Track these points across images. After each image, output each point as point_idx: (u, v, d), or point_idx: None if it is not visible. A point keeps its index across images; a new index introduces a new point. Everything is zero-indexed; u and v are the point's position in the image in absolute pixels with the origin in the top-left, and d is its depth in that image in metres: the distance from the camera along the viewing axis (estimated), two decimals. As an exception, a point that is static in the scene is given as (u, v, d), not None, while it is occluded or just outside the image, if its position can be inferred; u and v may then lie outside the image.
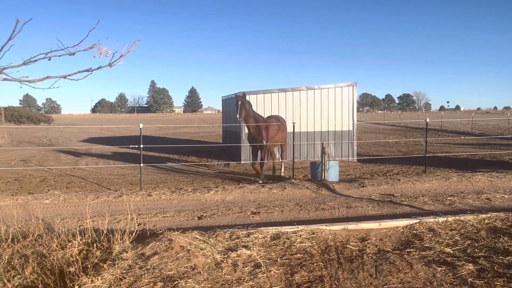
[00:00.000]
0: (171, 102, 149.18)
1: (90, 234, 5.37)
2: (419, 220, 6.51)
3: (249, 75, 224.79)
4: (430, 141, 24.16)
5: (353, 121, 17.26)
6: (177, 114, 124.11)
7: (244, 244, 5.40)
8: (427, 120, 13.84)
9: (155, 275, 4.37)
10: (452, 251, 5.23)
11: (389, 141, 26.65)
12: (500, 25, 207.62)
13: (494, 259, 4.92)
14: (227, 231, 5.88)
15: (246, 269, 4.66)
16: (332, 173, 11.22)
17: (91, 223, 5.91)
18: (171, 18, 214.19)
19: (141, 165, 11.41)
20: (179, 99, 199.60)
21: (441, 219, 6.52)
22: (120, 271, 4.40)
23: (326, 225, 6.30)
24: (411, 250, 5.31)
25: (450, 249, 5.31)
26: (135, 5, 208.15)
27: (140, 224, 6.92)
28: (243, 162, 16.36)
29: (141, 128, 11.49)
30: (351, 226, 6.35)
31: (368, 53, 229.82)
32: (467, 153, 18.89)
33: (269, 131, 12.39)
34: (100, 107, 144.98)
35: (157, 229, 6.16)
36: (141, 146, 11.35)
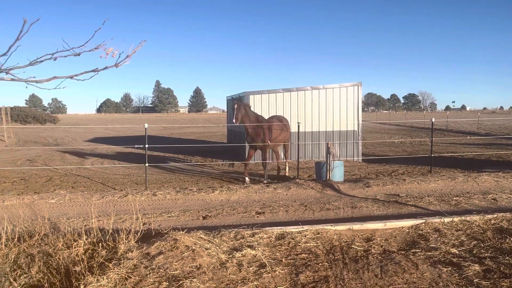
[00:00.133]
0: (176, 102, 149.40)
1: (95, 233, 5.39)
2: (424, 220, 6.48)
3: (254, 75, 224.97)
4: (435, 141, 24.05)
5: (358, 121, 17.21)
6: (182, 114, 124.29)
7: (249, 244, 5.40)
8: (433, 120, 13.78)
9: (160, 275, 4.38)
10: (458, 252, 5.20)
11: (394, 141, 26.55)
12: (505, 24, 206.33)
13: (500, 259, 4.89)
14: (232, 231, 5.89)
15: (251, 269, 4.66)
16: (337, 173, 11.20)
17: (96, 222, 5.93)
18: (175, 18, 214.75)
19: (146, 165, 11.44)
20: (184, 99, 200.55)
21: (447, 220, 6.49)
22: (125, 271, 4.42)
23: (331, 225, 6.28)
24: (417, 250, 5.29)
25: (456, 249, 5.28)
26: (139, 5, 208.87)
27: (145, 223, 6.94)
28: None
29: (146, 128, 11.52)
30: (356, 226, 6.33)
31: (373, 52, 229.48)
32: (473, 153, 18.79)
33: (270, 131, 12.41)
34: (105, 107, 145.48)
35: (162, 229, 6.17)
36: (146, 146, 11.38)
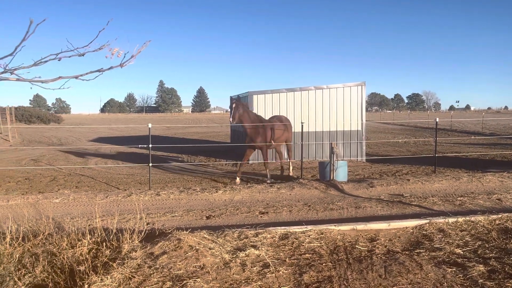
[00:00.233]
0: (179, 102, 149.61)
1: (99, 233, 5.40)
2: (428, 220, 6.46)
3: (257, 74, 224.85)
4: (439, 141, 23.97)
5: (362, 120, 17.18)
6: (185, 114, 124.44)
7: (252, 244, 5.40)
8: (437, 119, 13.74)
9: (164, 275, 4.39)
10: (462, 252, 5.18)
11: (398, 141, 26.48)
12: (509, 23, 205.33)
13: (505, 260, 4.86)
14: (236, 230, 5.88)
15: (254, 269, 4.66)
16: (340, 173, 11.18)
17: (100, 222, 5.95)
18: (179, 18, 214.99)
19: (150, 164, 11.46)
20: (187, 99, 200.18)
21: (451, 220, 6.47)
22: (129, 270, 4.43)
23: (335, 225, 6.27)
24: (421, 250, 5.27)
25: (460, 250, 5.26)
26: (143, 5, 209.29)
27: (149, 223, 6.95)
28: (251, 162, 16.36)
29: (150, 127, 11.54)
30: (360, 226, 6.32)
31: (377, 52, 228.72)
32: (477, 153, 18.71)
33: (269, 131, 12.42)
34: (109, 107, 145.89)
35: (166, 229, 6.18)
36: (150, 145, 11.40)
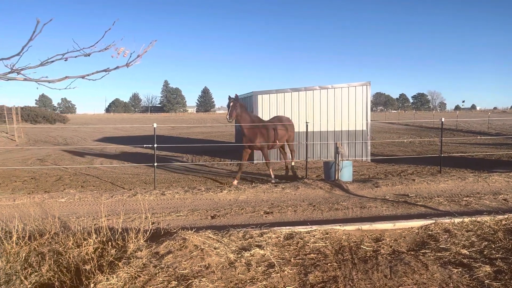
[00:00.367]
0: (184, 102, 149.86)
1: (105, 232, 5.42)
2: (434, 220, 6.43)
3: (261, 74, 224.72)
4: (445, 141, 23.86)
5: (366, 120, 17.14)
6: (190, 113, 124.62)
7: (257, 243, 5.40)
8: (443, 119, 13.67)
9: (169, 274, 4.40)
10: (468, 253, 5.16)
11: (404, 141, 26.38)
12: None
13: (511, 260, 4.84)
14: (241, 230, 5.89)
15: (259, 268, 4.66)
16: (345, 173, 11.16)
17: (106, 221, 5.98)
18: (183, 18, 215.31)
19: (155, 164, 11.49)
20: (192, 99, 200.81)
21: (457, 220, 6.44)
22: (134, 270, 4.44)
23: (340, 225, 6.26)
24: (427, 251, 5.25)
25: (466, 250, 5.24)
26: (147, 5, 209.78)
27: (154, 223, 6.98)
28: (255, 161, 16.37)
29: (155, 127, 11.58)
30: (365, 226, 6.31)
31: (382, 52, 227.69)
32: (483, 153, 18.61)
33: (268, 132, 12.43)
34: (114, 107, 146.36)
35: (171, 228, 6.20)
36: (155, 145, 11.43)
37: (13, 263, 4.79)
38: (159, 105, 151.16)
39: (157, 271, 4.45)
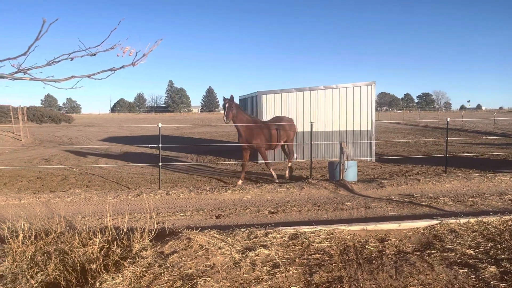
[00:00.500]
0: (188, 101, 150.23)
1: (110, 232, 5.44)
2: (440, 221, 6.41)
3: (266, 74, 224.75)
4: (450, 141, 23.74)
5: (371, 120, 17.09)
6: (194, 113, 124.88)
7: (262, 243, 5.40)
8: (448, 119, 13.61)
9: (174, 274, 4.41)
10: (474, 253, 5.13)
11: (408, 141, 26.28)
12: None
13: (518, 261, 4.81)
14: (245, 230, 5.89)
15: (264, 268, 4.66)
16: (350, 173, 11.13)
17: (111, 221, 5.99)
18: (188, 18, 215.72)
19: (160, 164, 11.52)
20: (196, 99, 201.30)
21: (462, 220, 6.41)
22: (140, 269, 4.46)
23: (344, 225, 6.25)
24: (432, 251, 5.23)
25: (472, 251, 5.21)
26: (152, 5, 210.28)
27: (159, 222, 6.99)
28: (260, 162, 16.36)
29: (160, 127, 11.60)
30: (370, 226, 6.29)
31: (387, 52, 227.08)
32: (489, 153, 18.51)
33: (264, 131, 12.42)
34: (119, 106, 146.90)
35: (176, 228, 6.21)
36: (160, 145, 11.45)
37: (19, 262, 4.82)
38: (164, 105, 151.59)
39: (162, 271, 4.46)
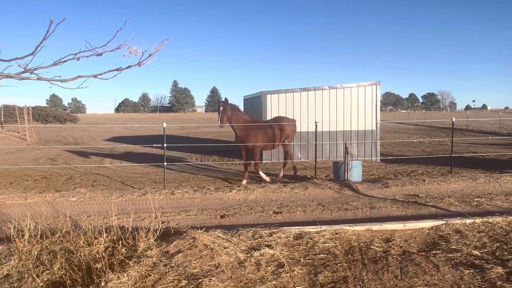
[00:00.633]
0: (193, 101, 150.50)
1: (115, 231, 5.46)
2: (445, 221, 6.38)
3: (270, 74, 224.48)
4: (456, 141, 23.63)
5: (376, 120, 17.05)
6: (198, 113, 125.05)
7: (267, 243, 5.40)
8: (453, 119, 13.55)
9: (179, 273, 4.42)
10: (480, 254, 5.11)
11: (413, 141, 26.20)
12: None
13: (524, 262, 4.78)
14: (250, 230, 5.89)
15: (269, 268, 4.66)
16: (355, 173, 11.10)
17: (116, 220, 6.01)
18: (192, 18, 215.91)
19: (165, 164, 11.54)
20: (201, 99, 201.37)
21: (468, 221, 6.38)
22: (145, 268, 4.47)
23: (349, 226, 6.24)
24: (437, 252, 5.21)
25: (478, 251, 5.19)
26: (157, 5, 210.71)
27: (164, 222, 7.00)
28: (264, 161, 16.37)
29: (164, 127, 11.63)
30: (375, 226, 6.27)
31: (391, 51, 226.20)
32: (494, 154, 18.41)
33: (259, 132, 12.43)
34: (123, 106, 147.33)
35: (181, 227, 6.22)
36: (165, 145, 11.48)
37: (25, 261, 4.85)
38: (168, 105, 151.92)
39: (167, 270, 4.47)
